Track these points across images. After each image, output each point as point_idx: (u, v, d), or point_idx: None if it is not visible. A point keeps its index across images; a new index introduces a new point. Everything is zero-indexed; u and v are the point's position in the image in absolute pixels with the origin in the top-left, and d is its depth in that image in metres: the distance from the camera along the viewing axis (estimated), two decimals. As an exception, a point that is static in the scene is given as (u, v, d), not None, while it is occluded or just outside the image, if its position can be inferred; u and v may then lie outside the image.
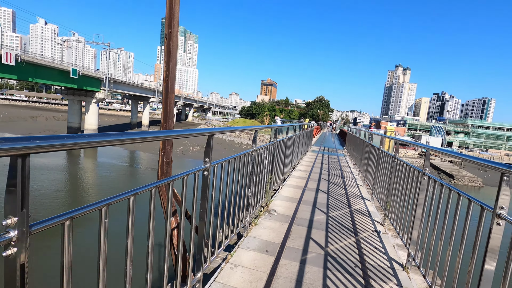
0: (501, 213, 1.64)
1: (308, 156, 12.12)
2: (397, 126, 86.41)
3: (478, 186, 44.55)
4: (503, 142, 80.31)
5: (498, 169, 1.69)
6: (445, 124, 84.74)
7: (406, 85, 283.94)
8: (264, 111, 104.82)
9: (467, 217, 2.02)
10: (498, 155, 67.52)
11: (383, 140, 6.21)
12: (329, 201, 5.57)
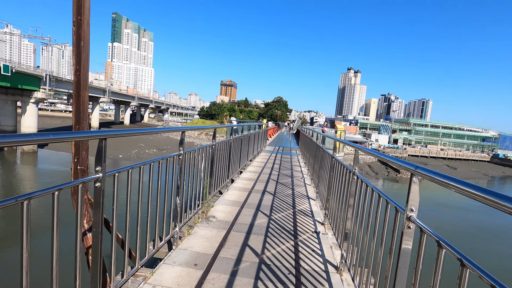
0: (411, 216, 1.56)
1: (261, 156, 12.04)
2: (350, 125, 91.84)
3: (420, 179, 49.09)
4: (439, 138, 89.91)
5: (408, 169, 1.61)
6: (391, 123, 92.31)
7: (357, 87, 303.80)
8: (223, 111, 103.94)
9: (385, 219, 1.94)
10: (435, 150, 75.36)
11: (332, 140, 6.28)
12: (274, 203, 5.44)
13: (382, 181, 45.59)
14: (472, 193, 1.00)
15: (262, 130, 13.93)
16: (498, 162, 73.06)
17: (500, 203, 0.86)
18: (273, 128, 36.22)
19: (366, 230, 2.39)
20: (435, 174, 1.28)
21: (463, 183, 1.08)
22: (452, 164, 65.95)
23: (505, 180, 57.69)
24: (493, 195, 0.90)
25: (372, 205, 2.27)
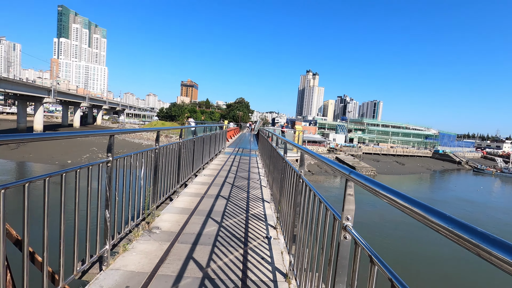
0: (347, 225, 1.42)
1: (220, 158, 11.73)
2: (309, 125, 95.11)
3: (373, 175, 52.55)
4: (389, 137, 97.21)
5: (343, 174, 1.47)
6: (347, 123, 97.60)
7: (315, 89, 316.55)
8: (184, 112, 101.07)
9: (325, 226, 1.81)
10: (386, 148, 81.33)
11: (294, 139, 6.22)
12: (227, 208, 5.19)
13: (340, 178, 47.83)
14: (399, 204, 0.86)
15: (221, 132, 13.61)
16: (438, 157, 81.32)
17: (428, 218, 0.72)
18: (235, 129, 35.98)
19: (310, 237, 2.26)
20: (366, 180, 1.15)
21: (394, 192, 0.94)
22: (400, 160, 71.65)
23: (444, 173, 64.23)
24: (423, 209, 0.76)
25: (314, 210, 2.15)
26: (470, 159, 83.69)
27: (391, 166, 63.10)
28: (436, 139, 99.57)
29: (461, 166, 75.63)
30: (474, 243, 0.58)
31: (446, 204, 33.67)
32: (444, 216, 0.70)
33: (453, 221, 0.67)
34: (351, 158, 60.69)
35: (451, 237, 0.66)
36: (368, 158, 69.17)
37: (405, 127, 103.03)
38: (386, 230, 22.97)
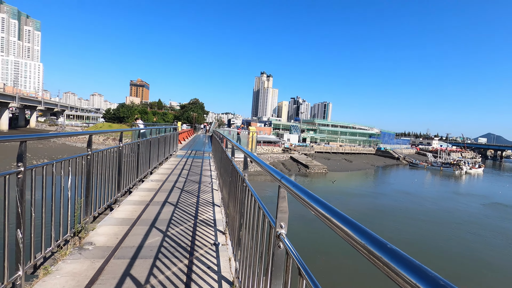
0: (281, 233, 1.35)
1: (170, 162, 11.18)
2: (264, 126, 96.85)
3: (324, 172, 55.48)
4: (338, 136, 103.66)
5: (275, 179, 1.40)
6: (300, 123, 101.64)
7: (270, 90, 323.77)
8: (134, 114, 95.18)
9: (263, 233, 1.73)
10: (336, 146, 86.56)
11: (248, 140, 6.10)
12: (174, 215, 4.90)
13: (295, 176, 49.51)
14: (321, 213, 0.80)
15: (172, 134, 13.01)
16: (381, 154, 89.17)
17: (344, 229, 0.66)
18: (188, 131, 34.93)
19: (252, 243, 2.17)
20: (295, 187, 1.09)
21: (318, 202, 0.88)
22: (348, 157, 76.88)
23: (385, 168, 70.59)
24: (338, 217, 0.70)
25: (255, 216, 2.06)
26: (407, 155, 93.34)
27: (340, 164, 67.30)
28: (379, 137, 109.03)
29: (399, 162, 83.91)
30: (383, 261, 0.52)
31: (387, 197, 36.98)
32: (359, 228, 0.64)
33: (367, 235, 0.61)
34: (304, 157, 63.25)
35: (362, 252, 0.60)
36: (320, 156, 72.85)
37: (352, 127, 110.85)
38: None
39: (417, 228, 24.23)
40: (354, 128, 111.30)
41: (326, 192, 37.09)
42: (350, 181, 49.92)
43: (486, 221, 27.97)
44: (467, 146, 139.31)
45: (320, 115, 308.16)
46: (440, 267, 17.28)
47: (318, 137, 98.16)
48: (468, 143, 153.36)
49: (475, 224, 26.76)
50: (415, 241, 21.18)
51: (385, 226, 24.30)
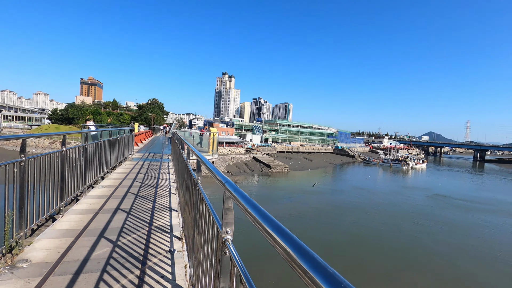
0: (227, 239, 1.30)
1: (125, 166, 10.53)
2: (227, 127, 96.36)
3: (286, 172, 56.87)
4: (298, 136, 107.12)
5: (220, 183, 1.36)
6: (262, 124, 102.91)
7: (232, 91, 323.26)
8: (85, 114, 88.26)
9: (211, 239, 1.67)
10: (296, 146, 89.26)
11: (209, 141, 5.91)
12: (126, 223, 4.60)
13: (258, 176, 49.99)
14: (257, 222, 0.77)
15: (127, 136, 12.28)
16: (338, 153, 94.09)
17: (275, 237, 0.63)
18: (146, 133, 33.36)
19: (204, 249, 2.09)
20: (236, 192, 1.05)
21: (255, 209, 0.85)
22: (309, 156, 79.78)
23: (342, 166, 74.62)
24: (274, 229, 0.67)
25: (206, 220, 1.99)
26: (361, 153, 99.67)
27: (301, 163, 69.56)
28: (336, 137, 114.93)
29: (355, 159, 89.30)
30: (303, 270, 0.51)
31: (344, 193, 39.11)
32: (284, 234, 0.62)
33: (293, 243, 0.59)
34: (266, 157, 64.20)
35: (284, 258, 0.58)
36: (282, 156, 74.53)
37: (311, 127, 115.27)
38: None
39: (371, 221, 25.96)
40: (314, 128, 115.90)
41: (288, 191, 38.05)
42: (310, 179, 51.81)
43: (429, 211, 30.98)
44: (413, 143, 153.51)
45: (281, 115, 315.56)
46: (390, 255, 18.71)
47: (279, 137, 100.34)
48: (413, 141, 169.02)
49: (420, 214, 29.48)
50: (369, 234, 22.66)
51: (342, 221, 25.65)
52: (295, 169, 60.20)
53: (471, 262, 18.41)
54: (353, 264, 17.11)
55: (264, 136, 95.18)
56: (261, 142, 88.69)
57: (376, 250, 19.50)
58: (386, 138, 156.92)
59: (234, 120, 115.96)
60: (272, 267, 15.25)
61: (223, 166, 52.75)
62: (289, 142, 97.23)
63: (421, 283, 15.49)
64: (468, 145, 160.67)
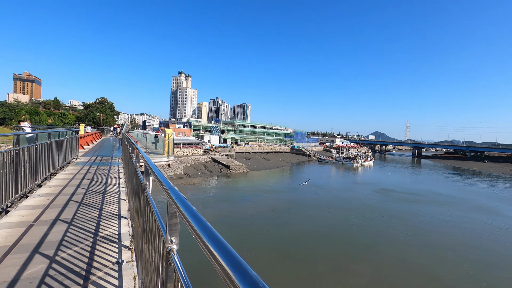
0: (171, 249, 1.22)
1: (68, 171, 9.57)
2: (184, 127, 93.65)
3: (245, 172, 57.14)
4: (257, 136, 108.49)
5: (163, 189, 1.27)
6: (220, 124, 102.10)
7: (189, 91, 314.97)
8: (20, 114, 78.63)
9: (158, 248, 1.56)
10: (255, 146, 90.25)
11: (165, 143, 5.56)
12: (67, 235, 4.15)
13: (216, 177, 49.41)
14: (197, 235, 0.72)
15: (70, 138, 11.18)
16: (295, 152, 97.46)
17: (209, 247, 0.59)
18: (94, 134, 30.84)
19: (152, 259, 1.96)
20: (178, 199, 0.98)
21: (197, 221, 0.79)
22: (267, 156, 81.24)
23: (299, 165, 77.45)
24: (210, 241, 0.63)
25: (153, 229, 1.87)
26: (316, 152, 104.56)
27: (259, 163, 70.52)
28: (292, 137, 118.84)
29: (310, 158, 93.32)
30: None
31: (300, 191, 40.62)
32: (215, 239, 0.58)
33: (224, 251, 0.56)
34: (225, 158, 63.80)
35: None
36: (241, 156, 74.76)
37: (269, 127, 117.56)
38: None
39: (325, 217, 27.32)
40: (271, 128, 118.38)
41: (247, 191, 38.27)
42: (269, 178, 52.78)
43: (376, 205, 33.65)
44: (362, 142, 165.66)
45: (239, 116, 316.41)
46: (342, 247, 19.89)
47: (238, 137, 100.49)
48: (362, 140, 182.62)
49: (368, 207, 31.87)
50: (323, 228, 23.83)
51: (298, 217, 26.58)
52: (254, 169, 60.81)
53: (410, 248, 20.40)
54: (308, 257, 17.82)
55: (222, 137, 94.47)
56: (220, 143, 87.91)
57: (330, 243, 20.58)
58: (338, 137, 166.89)
59: (192, 121, 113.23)
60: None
61: (180, 168, 51.11)
62: (248, 143, 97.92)
63: (369, 270, 16.72)
64: (408, 143, 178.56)
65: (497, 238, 23.31)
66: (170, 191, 1.16)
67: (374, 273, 16.50)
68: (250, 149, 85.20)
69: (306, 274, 15.97)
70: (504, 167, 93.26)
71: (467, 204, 36.56)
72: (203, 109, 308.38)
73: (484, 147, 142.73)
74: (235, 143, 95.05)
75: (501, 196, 44.33)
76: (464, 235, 23.74)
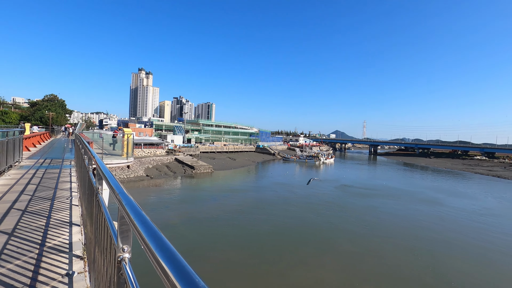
0: (123, 258, 1.13)
1: (9, 175, 8.60)
2: (145, 127, 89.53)
3: (210, 172, 56.34)
4: (222, 136, 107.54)
5: (114, 193, 1.18)
6: (184, 124, 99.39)
7: (150, 89, 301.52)
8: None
9: (110, 258, 1.45)
10: (220, 146, 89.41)
11: (123, 143, 5.16)
12: (6, 248, 3.71)
13: (180, 178, 48.04)
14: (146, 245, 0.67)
15: (13, 139, 10.06)
16: (260, 151, 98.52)
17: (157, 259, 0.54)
18: (42, 134, 28.14)
19: (104, 269, 1.82)
20: (128, 204, 0.90)
21: (151, 236, 0.74)
22: (232, 156, 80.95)
23: (264, 163, 78.41)
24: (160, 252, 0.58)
25: (105, 236, 1.73)
26: (281, 151, 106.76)
27: (225, 162, 70.04)
28: (258, 136, 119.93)
29: (275, 157, 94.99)
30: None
31: (266, 189, 41.16)
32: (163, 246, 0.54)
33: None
34: (190, 158, 62.30)
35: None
36: (206, 156, 73.57)
37: (234, 127, 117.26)
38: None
39: (290, 212, 28.01)
40: (236, 128, 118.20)
41: (213, 191, 37.80)
42: (234, 178, 52.68)
43: (336, 200, 35.33)
44: (323, 141, 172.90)
45: (204, 115, 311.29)
46: (306, 241, 20.56)
47: (203, 137, 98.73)
48: (324, 138, 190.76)
49: (330, 203, 33.34)
50: (288, 225, 24.42)
51: (264, 216, 26.93)
52: (219, 169, 60.24)
53: (367, 239, 21.77)
54: (273, 254, 18.14)
55: (186, 137, 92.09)
56: (184, 143, 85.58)
57: (294, 239, 21.15)
58: (302, 136, 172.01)
59: (153, 120, 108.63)
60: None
61: (142, 170, 48.80)
62: (213, 142, 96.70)
63: (330, 262, 17.50)
64: (365, 142, 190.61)
65: (439, 227, 25.83)
66: (121, 195, 1.08)
67: (335, 264, 17.31)
68: (215, 148, 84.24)
69: (270, 270, 16.22)
70: (446, 162, 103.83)
71: (415, 196, 40.02)
72: (165, 108, 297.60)
73: (430, 144, 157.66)
74: (199, 143, 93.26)
75: (443, 188, 49.23)
76: (412, 225, 25.94)
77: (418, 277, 16.21)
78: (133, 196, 2.22)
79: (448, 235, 23.45)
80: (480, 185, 54.37)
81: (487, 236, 23.54)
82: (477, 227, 26.04)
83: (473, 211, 32.26)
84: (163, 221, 24.06)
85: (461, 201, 37.84)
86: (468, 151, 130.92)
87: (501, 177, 67.70)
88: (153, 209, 27.95)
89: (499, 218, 29.68)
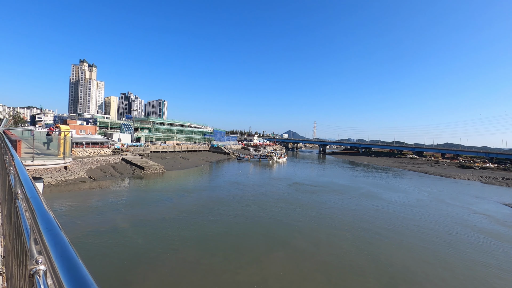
0: (37, 270, 1.00)
1: None
2: (88, 124, 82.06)
3: (162, 172, 53.92)
4: (174, 135, 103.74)
5: (26, 197, 1.05)
6: (133, 121, 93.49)
7: (94, 82, 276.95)
8: None
9: (26, 272, 1.29)
10: (172, 145, 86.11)
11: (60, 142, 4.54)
12: None
13: (128, 180, 45.07)
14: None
15: None
16: (214, 151, 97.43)
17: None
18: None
19: (23, 283, 1.61)
20: (40, 213, 0.80)
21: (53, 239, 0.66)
22: (185, 155, 78.61)
23: (218, 163, 77.78)
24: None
25: (20, 246, 1.53)
26: (235, 150, 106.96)
27: (177, 162, 67.68)
28: (212, 135, 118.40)
29: (229, 156, 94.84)
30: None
31: (220, 188, 40.86)
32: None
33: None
34: (139, 158, 58.83)
35: None
36: (157, 156, 70.19)
37: (187, 126, 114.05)
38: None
39: (244, 212, 28.22)
40: (190, 126, 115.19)
41: (165, 192, 36.24)
42: (188, 178, 51.23)
43: (289, 197, 36.67)
44: (276, 140, 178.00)
45: (155, 113, 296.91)
46: (262, 237, 20.96)
47: (154, 136, 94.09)
48: (277, 138, 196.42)
49: (283, 200, 34.45)
50: (244, 223, 24.59)
51: (220, 215, 26.72)
52: (171, 169, 58.02)
53: (316, 232, 23.03)
54: (230, 252, 18.12)
55: (135, 135, 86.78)
56: (132, 142, 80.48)
57: (250, 236, 21.39)
58: (256, 136, 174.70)
59: (97, 117, 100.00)
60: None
61: (83, 171, 44.57)
62: (165, 141, 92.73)
63: (284, 256, 18.11)
64: (315, 141, 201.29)
65: (376, 219, 28.52)
66: (32, 200, 0.95)
67: (286, 258, 17.95)
68: (167, 148, 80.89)
69: (225, 268, 16.17)
70: (384, 161, 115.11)
71: (358, 191, 43.58)
72: (111, 104, 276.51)
73: (371, 144, 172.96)
74: (150, 142, 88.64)
75: (381, 184, 54.46)
76: (355, 218, 28.20)
77: (359, 264, 17.68)
78: (73, 200, 2.01)
79: (384, 225, 26.01)
80: (411, 181, 61.34)
81: (415, 225, 26.69)
82: (408, 218, 29.36)
83: (404, 204, 36.30)
84: (111, 225, 22.34)
85: (396, 195, 42.32)
86: (402, 150, 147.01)
87: (428, 173, 77.71)
88: (100, 213, 25.76)
89: (425, 209, 33.91)
